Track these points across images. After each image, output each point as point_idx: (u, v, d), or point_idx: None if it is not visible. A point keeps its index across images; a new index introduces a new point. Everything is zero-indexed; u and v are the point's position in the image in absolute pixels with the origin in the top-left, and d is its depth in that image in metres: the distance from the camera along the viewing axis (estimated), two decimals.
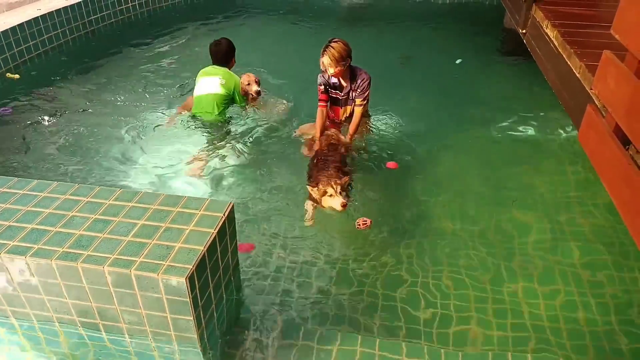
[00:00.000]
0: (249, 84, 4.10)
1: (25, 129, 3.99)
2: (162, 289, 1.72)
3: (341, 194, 2.77)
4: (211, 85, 3.89)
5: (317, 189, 2.87)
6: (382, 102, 4.20)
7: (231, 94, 3.94)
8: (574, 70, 2.67)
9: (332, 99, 3.60)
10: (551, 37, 3.14)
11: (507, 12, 4.62)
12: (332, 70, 3.30)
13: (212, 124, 3.97)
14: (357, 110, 3.50)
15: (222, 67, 3.97)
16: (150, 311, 1.81)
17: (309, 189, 2.96)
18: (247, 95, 4.13)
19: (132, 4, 6.33)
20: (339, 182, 2.84)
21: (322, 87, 3.53)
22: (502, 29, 6.17)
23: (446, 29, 6.40)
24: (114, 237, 1.85)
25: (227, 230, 2.00)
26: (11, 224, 1.90)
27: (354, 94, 3.49)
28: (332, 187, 2.79)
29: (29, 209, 1.99)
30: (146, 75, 4.96)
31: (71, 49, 5.47)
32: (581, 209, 3.13)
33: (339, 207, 2.76)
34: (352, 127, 3.55)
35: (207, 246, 1.82)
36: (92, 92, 4.61)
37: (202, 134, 3.92)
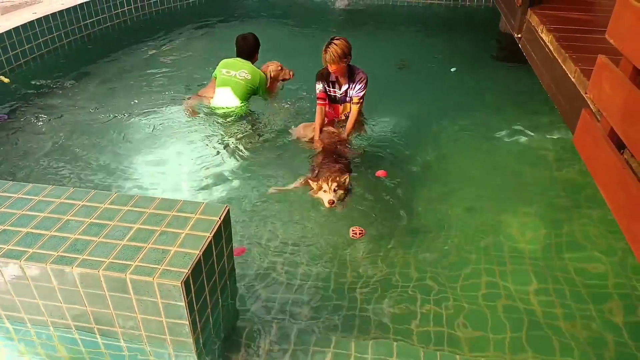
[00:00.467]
0: (281, 69, 4.28)
1: (19, 132, 3.97)
2: (157, 293, 1.71)
3: (336, 191, 2.94)
4: (237, 76, 4.02)
5: (316, 183, 3.04)
6: (376, 108, 4.24)
7: (255, 87, 4.08)
8: (569, 74, 2.68)
9: (330, 97, 3.71)
10: (546, 41, 3.16)
11: (503, 17, 4.65)
12: (334, 66, 3.40)
13: (225, 120, 4.06)
14: (355, 108, 3.62)
15: (246, 61, 4.09)
16: (145, 315, 1.80)
17: (310, 181, 3.10)
18: (276, 82, 4.32)
19: (128, 7, 6.33)
20: (335, 180, 2.98)
21: (321, 86, 3.63)
22: (498, 33, 6.20)
23: (441, 33, 6.42)
24: (109, 241, 1.84)
25: (223, 234, 2.00)
26: (6, 227, 1.89)
27: (352, 92, 3.60)
28: (327, 184, 2.95)
29: (24, 212, 1.98)
30: (142, 78, 4.95)
31: (67, 53, 5.46)
32: (578, 213, 3.14)
33: (325, 204, 2.95)
34: (349, 125, 3.67)
35: (203, 250, 1.81)
36: (87, 96, 4.59)
37: (199, 135, 3.92)
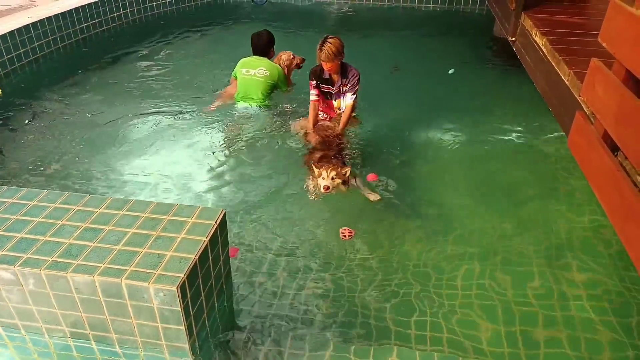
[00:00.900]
0: (293, 57, 4.44)
1: (13, 136, 3.95)
2: (153, 298, 1.71)
3: (333, 179, 3.10)
4: (257, 74, 4.20)
5: (317, 170, 3.16)
6: (369, 111, 4.26)
7: (275, 82, 4.26)
8: (563, 77, 2.70)
9: (324, 93, 3.85)
10: (540, 44, 3.17)
11: (497, 21, 4.68)
12: (329, 64, 3.54)
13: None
14: (348, 103, 3.74)
15: (263, 58, 4.28)
16: (141, 321, 1.79)
17: (314, 166, 3.23)
18: (291, 71, 4.47)
19: (124, 11, 6.33)
20: (335, 170, 3.11)
21: (314, 82, 3.77)
22: (492, 36, 6.24)
23: (435, 36, 6.43)
24: (104, 245, 1.83)
25: (219, 237, 2.00)
26: (0, 233, 1.88)
27: (345, 88, 3.74)
28: (326, 172, 3.10)
29: (18, 217, 1.97)
30: (137, 83, 4.94)
31: (62, 57, 5.45)
32: (572, 214, 3.16)
33: (321, 188, 3.09)
34: (343, 119, 3.78)
35: (199, 254, 1.81)
36: (82, 100, 4.58)
37: (194, 139, 3.92)
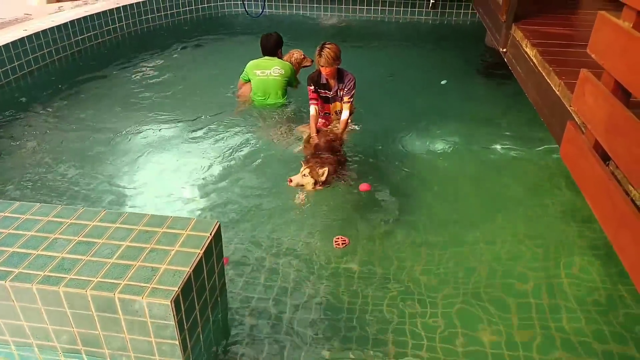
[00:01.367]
0: (304, 57, 4.69)
1: (7, 149, 3.94)
2: (146, 312, 1.69)
3: (305, 176, 3.27)
4: (272, 73, 4.40)
5: (302, 168, 3.32)
6: (363, 120, 4.30)
7: (289, 79, 4.49)
8: (554, 87, 2.73)
9: (322, 97, 4.01)
10: (530, 55, 3.21)
11: (488, 32, 4.74)
12: (327, 69, 3.73)
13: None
14: (346, 107, 3.91)
15: (274, 58, 4.47)
16: (134, 336, 1.77)
17: (302, 164, 3.39)
18: (299, 69, 4.69)
19: (120, 24, 6.35)
20: (309, 167, 3.27)
21: (312, 88, 3.92)
22: (484, 47, 6.32)
23: (427, 48, 6.49)
24: (97, 259, 1.82)
25: (214, 249, 1.99)
26: None
27: (342, 92, 3.92)
28: (307, 169, 3.28)
29: (10, 231, 1.95)
30: (132, 95, 4.95)
31: (57, 70, 5.45)
32: (564, 223, 3.17)
33: (297, 180, 3.26)
34: (342, 123, 3.94)
35: (193, 267, 1.80)
36: (77, 113, 4.57)
37: (188, 151, 3.93)
